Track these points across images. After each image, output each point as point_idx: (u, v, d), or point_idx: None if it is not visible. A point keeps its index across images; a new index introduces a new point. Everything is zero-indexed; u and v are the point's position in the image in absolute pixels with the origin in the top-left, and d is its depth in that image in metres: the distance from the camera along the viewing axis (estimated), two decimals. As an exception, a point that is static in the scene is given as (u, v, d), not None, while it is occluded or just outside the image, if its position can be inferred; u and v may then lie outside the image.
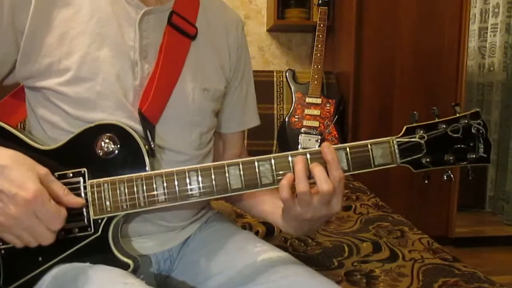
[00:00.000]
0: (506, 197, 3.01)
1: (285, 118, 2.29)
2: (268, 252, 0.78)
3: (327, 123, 2.24)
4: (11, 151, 0.63)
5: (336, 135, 2.22)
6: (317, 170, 0.66)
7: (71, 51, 0.72)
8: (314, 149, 0.69)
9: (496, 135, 3.07)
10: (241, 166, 0.68)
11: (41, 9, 0.72)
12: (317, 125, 2.25)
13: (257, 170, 0.68)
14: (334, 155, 0.66)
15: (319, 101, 2.27)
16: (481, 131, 0.69)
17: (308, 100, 2.28)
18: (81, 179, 0.69)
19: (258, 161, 0.69)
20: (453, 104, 0.71)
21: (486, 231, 2.80)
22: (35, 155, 0.65)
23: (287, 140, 2.27)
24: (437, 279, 1.03)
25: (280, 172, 0.68)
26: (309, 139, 2.24)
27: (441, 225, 2.39)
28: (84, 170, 0.69)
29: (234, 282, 0.74)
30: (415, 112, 0.71)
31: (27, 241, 0.62)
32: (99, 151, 0.70)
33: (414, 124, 0.70)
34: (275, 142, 2.33)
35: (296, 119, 2.27)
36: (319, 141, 2.22)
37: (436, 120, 0.70)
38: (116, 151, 0.71)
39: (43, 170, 0.63)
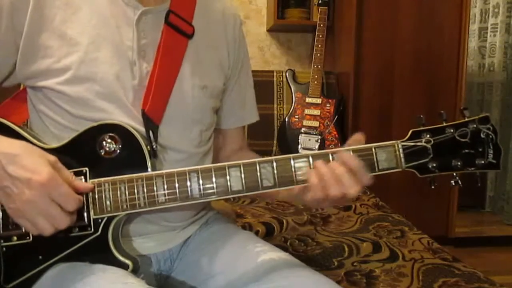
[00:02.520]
0: (506, 197, 3.01)
1: (285, 118, 2.29)
2: (268, 252, 0.78)
3: (327, 123, 2.24)
4: (19, 141, 0.65)
5: (336, 135, 2.22)
6: (345, 177, 0.65)
7: (70, 51, 0.72)
8: (316, 151, 0.69)
9: (496, 135, 3.07)
10: (242, 168, 0.68)
11: (40, 10, 0.72)
12: (317, 125, 2.25)
13: (258, 172, 0.68)
14: (356, 163, 0.66)
15: (319, 101, 2.27)
16: (490, 136, 0.67)
17: (308, 100, 2.28)
18: (82, 178, 0.69)
19: (259, 163, 0.68)
20: (461, 108, 0.69)
21: (486, 231, 2.80)
22: None
23: (287, 140, 2.27)
24: (437, 279, 1.03)
25: (282, 175, 0.68)
26: (309, 139, 2.24)
27: (441, 225, 2.39)
28: (85, 169, 0.69)
29: (234, 282, 0.74)
30: (421, 116, 0.69)
31: (42, 227, 0.62)
32: (101, 150, 0.71)
33: (421, 128, 0.68)
34: (275, 142, 2.32)
35: (296, 119, 2.27)
36: (319, 141, 2.22)
37: (444, 124, 0.68)
38: (118, 151, 0.71)
39: (51, 158, 0.64)
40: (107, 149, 0.71)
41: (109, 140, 0.71)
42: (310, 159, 0.68)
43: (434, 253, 1.19)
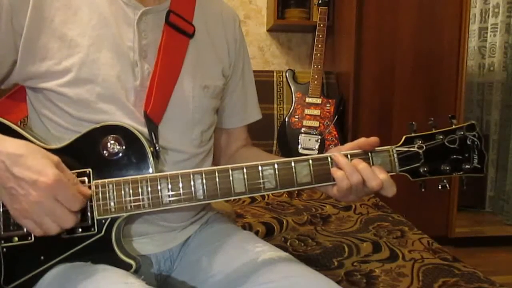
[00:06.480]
0: (506, 197, 3.01)
1: (285, 118, 2.29)
2: (268, 252, 0.78)
3: (327, 123, 2.24)
4: (22, 141, 0.65)
5: (336, 135, 2.22)
6: (366, 168, 0.69)
7: (70, 53, 0.72)
8: (316, 155, 0.71)
9: (496, 135, 3.06)
10: (245, 170, 0.70)
11: (39, 11, 0.72)
12: (317, 125, 2.25)
13: (260, 174, 0.70)
14: (367, 168, 0.69)
15: (319, 101, 2.27)
16: (476, 142, 0.72)
17: (308, 100, 2.28)
18: (85, 179, 0.69)
19: (261, 166, 0.70)
20: (449, 116, 0.73)
21: (486, 231, 2.80)
22: None
23: (287, 140, 2.27)
24: (437, 279, 1.03)
25: (284, 178, 0.70)
26: (309, 139, 2.24)
27: (441, 225, 2.39)
28: (89, 170, 0.70)
29: (234, 282, 0.74)
30: (413, 123, 0.73)
31: (48, 227, 0.62)
32: (104, 152, 0.71)
33: (413, 134, 0.73)
34: (275, 142, 2.32)
35: (296, 119, 2.27)
36: (319, 141, 2.22)
37: (434, 130, 0.73)
38: (121, 153, 0.71)
39: (55, 158, 0.64)
40: (111, 150, 0.71)
41: (112, 142, 0.71)
42: (310, 162, 0.70)
43: (434, 253, 1.19)
